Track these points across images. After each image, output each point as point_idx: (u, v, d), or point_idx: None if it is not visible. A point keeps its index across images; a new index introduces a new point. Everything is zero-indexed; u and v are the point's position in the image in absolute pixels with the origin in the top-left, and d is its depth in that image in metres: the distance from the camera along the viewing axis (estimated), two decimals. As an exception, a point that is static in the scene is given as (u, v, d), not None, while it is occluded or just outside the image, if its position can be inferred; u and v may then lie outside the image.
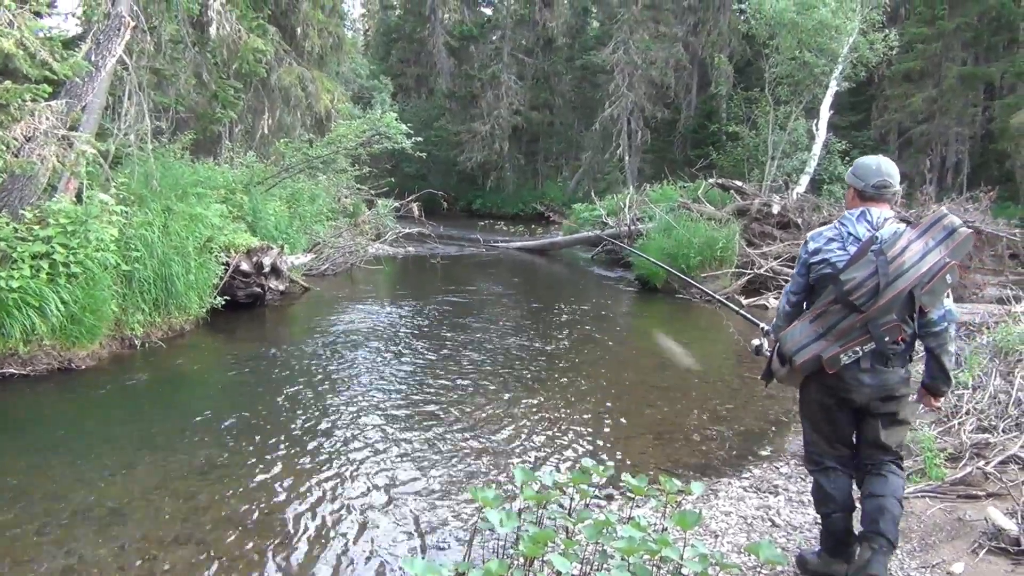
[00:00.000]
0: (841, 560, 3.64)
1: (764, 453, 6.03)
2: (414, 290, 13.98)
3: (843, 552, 3.63)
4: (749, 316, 5.49)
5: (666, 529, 4.12)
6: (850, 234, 3.49)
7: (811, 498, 3.75)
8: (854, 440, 3.67)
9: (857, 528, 3.62)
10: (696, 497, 4.72)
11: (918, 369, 3.80)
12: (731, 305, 6.32)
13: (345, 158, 16.39)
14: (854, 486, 3.67)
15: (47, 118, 6.38)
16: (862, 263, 3.30)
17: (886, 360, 3.40)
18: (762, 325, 4.53)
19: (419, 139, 15.79)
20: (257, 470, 5.31)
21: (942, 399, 3.82)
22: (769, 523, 4.54)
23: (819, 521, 3.82)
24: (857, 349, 3.35)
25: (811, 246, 3.61)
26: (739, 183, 18.06)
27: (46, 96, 6.40)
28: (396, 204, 20.25)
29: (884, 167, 3.53)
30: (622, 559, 3.44)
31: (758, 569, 3.86)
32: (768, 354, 3.97)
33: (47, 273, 7.37)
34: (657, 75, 33.51)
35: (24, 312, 7.07)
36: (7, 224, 7.52)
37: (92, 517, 4.54)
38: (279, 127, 19.54)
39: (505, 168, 40.60)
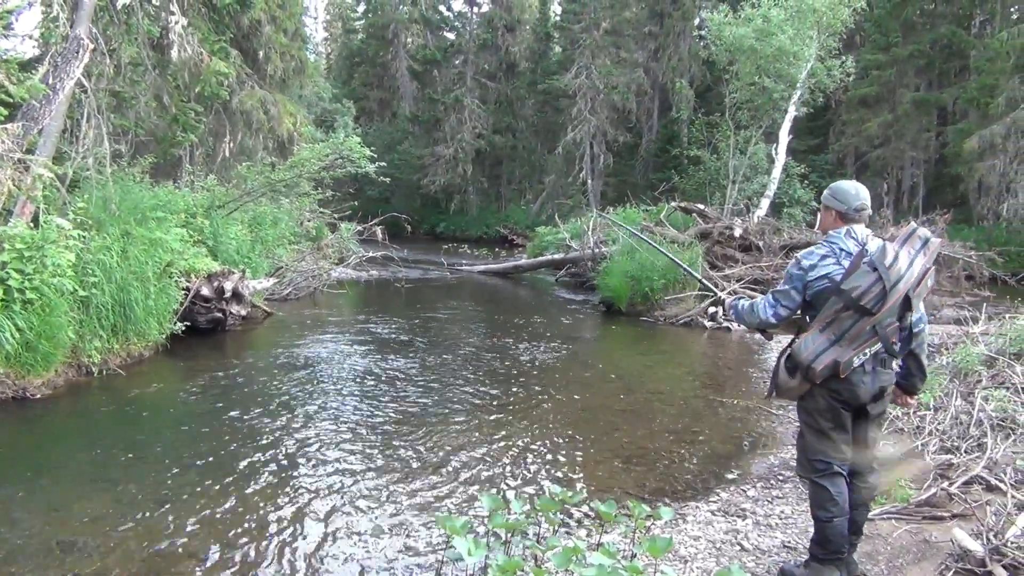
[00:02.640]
0: (833, 567, 3.74)
1: (731, 476, 6.03)
2: (378, 314, 13.88)
3: (838, 559, 3.74)
4: (705, 282, 5.72)
5: (636, 555, 4.09)
6: (842, 250, 3.74)
7: (814, 505, 3.79)
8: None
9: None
10: (665, 522, 4.71)
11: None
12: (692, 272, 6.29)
13: (308, 182, 16.28)
14: None
15: (2, 141, 6.25)
16: (859, 273, 3.58)
17: (884, 361, 3.71)
18: (720, 294, 4.76)
19: (382, 163, 15.75)
20: (214, 501, 5.19)
21: (916, 397, 4.16)
22: (738, 547, 4.52)
23: (806, 534, 3.82)
24: (866, 351, 3.62)
25: (805, 264, 3.80)
26: (701, 206, 18.24)
27: (2, 119, 6.27)
28: (359, 228, 20.14)
29: (861, 192, 3.83)
30: (592, 587, 3.41)
31: (728, 595, 3.84)
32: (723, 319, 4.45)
33: (1, 299, 7.18)
34: (619, 100, 33.87)
35: (-24, 340, 6.89)
36: (-40, 249, 7.34)
37: (43, 550, 4.41)
38: (241, 150, 19.42)
39: (469, 191, 40.71)
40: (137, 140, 14.14)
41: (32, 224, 8.28)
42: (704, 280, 5.90)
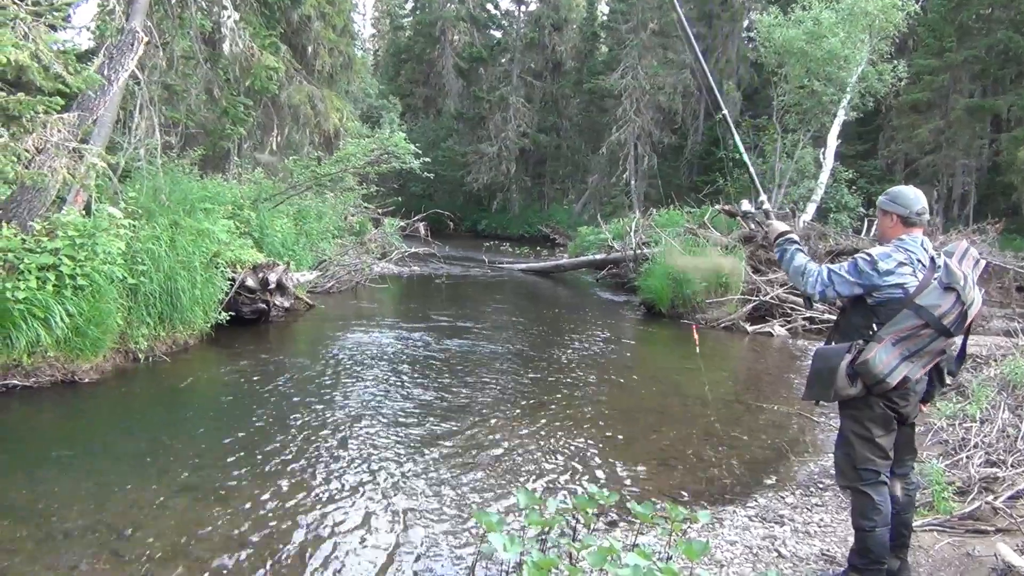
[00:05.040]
0: None
1: (769, 482, 5.98)
2: (418, 310, 13.96)
3: (878, 570, 3.71)
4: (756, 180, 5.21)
5: (671, 558, 4.07)
6: (919, 260, 3.68)
7: (857, 514, 3.74)
8: None
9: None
10: (701, 526, 4.68)
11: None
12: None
13: (353, 176, 16.44)
14: None
15: (59, 130, 6.39)
16: (934, 291, 3.53)
17: (940, 376, 3.85)
18: (762, 197, 4.64)
19: (427, 159, 15.85)
20: (257, 489, 5.27)
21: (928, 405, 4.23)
22: (775, 554, 4.48)
23: (845, 543, 3.78)
24: (929, 368, 3.67)
25: (881, 267, 3.66)
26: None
27: (59, 109, 6.42)
28: (402, 223, 20.28)
29: (921, 197, 3.80)
30: (627, 587, 3.40)
31: (764, 600, 3.81)
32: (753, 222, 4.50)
33: (53, 285, 7.37)
34: (665, 100, 33.65)
35: (29, 323, 7.06)
36: (15, 235, 7.53)
37: (92, 534, 4.50)
38: (287, 144, 19.65)
39: (511, 190, 40.72)
40: (187, 132, 14.39)
41: (84, 212, 8.48)
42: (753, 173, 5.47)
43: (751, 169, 5.19)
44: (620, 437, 6.96)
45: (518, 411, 7.60)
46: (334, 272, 15.46)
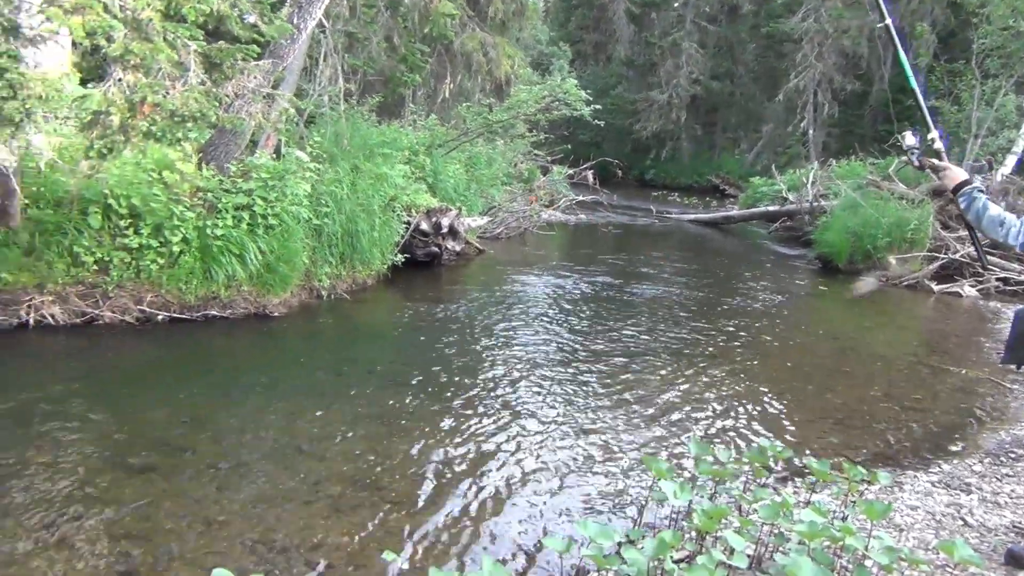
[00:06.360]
0: None
1: (954, 449, 5.67)
2: (585, 257, 13.98)
3: None
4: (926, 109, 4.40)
5: (847, 517, 3.95)
6: None
7: None
8: None
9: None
10: (879, 488, 4.51)
11: None
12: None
13: (523, 124, 16.52)
14: None
15: (255, 77, 6.75)
16: None
17: None
18: (932, 134, 4.03)
19: (597, 107, 15.70)
20: (432, 423, 5.50)
21: None
22: (960, 522, 4.26)
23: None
24: None
25: None
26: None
27: (255, 56, 6.77)
28: (570, 171, 20.25)
29: None
30: (800, 543, 3.33)
31: (948, 568, 3.64)
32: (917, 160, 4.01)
33: (247, 224, 7.88)
34: (849, 45, 31.63)
35: (227, 259, 7.60)
36: (213, 176, 8.08)
37: (280, 455, 4.86)
38: (460, 91, 19.92)
39: (681, 138, 39.71)
40: (366, 79, 14.86)
41: (275, 155, 8.97)
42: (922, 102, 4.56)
43: (919, 97, 4.43)
44: (792, 393, 6.77)
45: (686, 360, 7.53)
46: (503, 218, 15.67)
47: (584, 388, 6.51)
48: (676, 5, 40.58)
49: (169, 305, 7.43)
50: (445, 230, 11.27)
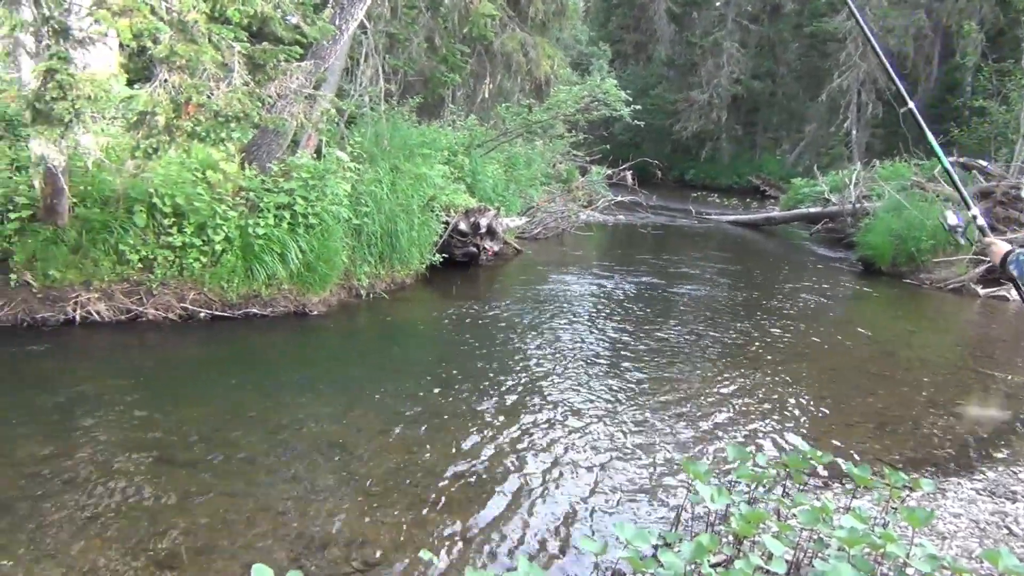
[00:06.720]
0: None
1: (1000, 456, 5.56)
2: (623, 258, 13.93)
3: None
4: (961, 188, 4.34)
5: (888, 524, 3.89)
6: None
7: None
8: None
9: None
10: (922, 495, 4.43)
11: None
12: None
13: (562, 124, 16.50)
14: None
15: (297, 78, 6.83)
16: None
17: None
18: (973, 211, 3.97)
19: (636, 107, 15.64)
20: (469, 423, 5.52)
21: None
22: (1006, 531, 4.18)
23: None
24: None
25: None
26: (983, 162, 16.55)
27: (297, 57, 6.85)
28: (609, 171, 20.18)
29: None
30: (840, 549, 3.30)
31: (992, 578, 3.57)
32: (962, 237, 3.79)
33: (288, 223, 7.97)
34: (894, 44, 31.16)
35: (268, 257, 7.70)
36: (255, 176, 8.19)
37: (317, 449, 4.92)
38: (499, 91, 19.95)
39: (721, 139, 39.39)
40: (406, 80, 14.95)
41: (315, 155, 9.06)
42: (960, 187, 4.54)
43: (954, 177, 4.41)
44: (832, 397, 6.69)
45: (726, 362, 7.48)
46: (541, 219, 15.66)
47: (622, 389, 6.49)
48: (717, 4, 40.26)
49: (211, 303, 7.54)
50: (483, 230, 11.29)
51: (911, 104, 4.28)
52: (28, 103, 5.63)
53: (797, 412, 6.21)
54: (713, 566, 3.16)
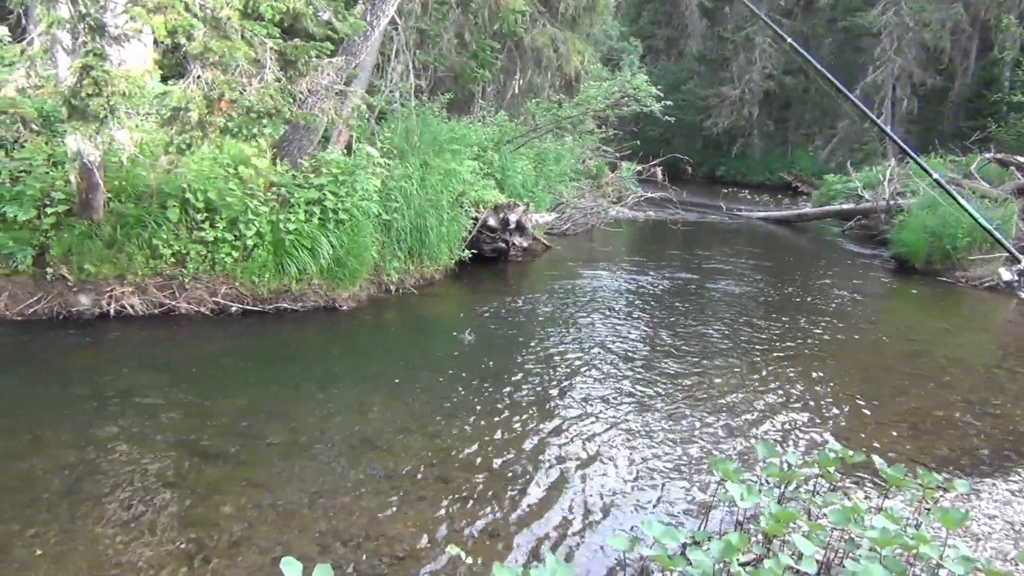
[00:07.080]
0: None
1: (1036, 457, 5.47)
2: (653, 255, 13.86)
3: None
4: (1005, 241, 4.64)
5: (920, 525, 3.84)
6: None
7: None
8: None
9: None
10: (956, 495, 4.37)
11: None
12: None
13: (592, 119, 16.44)
14: None
15: (328, 74, 6.86)
16: None
17: None
18: (1022, 265, 3.99)
19: (667, 102, 15.55)
20: (497, 417, 5.53)
21: None
22: (1041, 533, 4.12)
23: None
24: None
25: None
26: (1021, 159, 16.28)
27: (328, 53, 6.88)
28: (639, 167, 20.09)
29: None
30: (872, 550, 3.26)
31: (1027, 581, 3.52)
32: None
33: (319, 218, 8.03)
34: (930, 38, 30.71)
35: (299, 252, 7.75)
36: (287, 171, 8.25)
37: (346, 443, 4.96)
38: (529, 87, 19.92)
39: (753, 135, 39.06)
40: (436, 76, 14.96)
41: (346, 151, 9.11)
42: (1004, 242, 4.87)
43: (998, 236, 4.60)
44: (864, 396, 6.60)
45: (756, 359, 7.42)
46: (570, 215, 15.63)
47: (652, 385, 6.47)
48: (750, -1, 39.80)
49: (242, 297, 7.62)
50: (512, 226, 11.30)
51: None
52: (64, 99, 5.71)
53: (829, 410, 6.16)
54: (742, 565, 3.13)
